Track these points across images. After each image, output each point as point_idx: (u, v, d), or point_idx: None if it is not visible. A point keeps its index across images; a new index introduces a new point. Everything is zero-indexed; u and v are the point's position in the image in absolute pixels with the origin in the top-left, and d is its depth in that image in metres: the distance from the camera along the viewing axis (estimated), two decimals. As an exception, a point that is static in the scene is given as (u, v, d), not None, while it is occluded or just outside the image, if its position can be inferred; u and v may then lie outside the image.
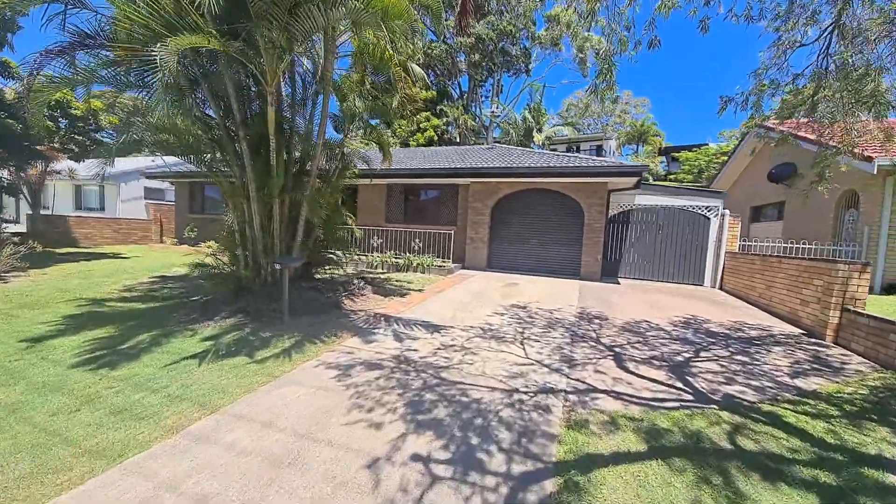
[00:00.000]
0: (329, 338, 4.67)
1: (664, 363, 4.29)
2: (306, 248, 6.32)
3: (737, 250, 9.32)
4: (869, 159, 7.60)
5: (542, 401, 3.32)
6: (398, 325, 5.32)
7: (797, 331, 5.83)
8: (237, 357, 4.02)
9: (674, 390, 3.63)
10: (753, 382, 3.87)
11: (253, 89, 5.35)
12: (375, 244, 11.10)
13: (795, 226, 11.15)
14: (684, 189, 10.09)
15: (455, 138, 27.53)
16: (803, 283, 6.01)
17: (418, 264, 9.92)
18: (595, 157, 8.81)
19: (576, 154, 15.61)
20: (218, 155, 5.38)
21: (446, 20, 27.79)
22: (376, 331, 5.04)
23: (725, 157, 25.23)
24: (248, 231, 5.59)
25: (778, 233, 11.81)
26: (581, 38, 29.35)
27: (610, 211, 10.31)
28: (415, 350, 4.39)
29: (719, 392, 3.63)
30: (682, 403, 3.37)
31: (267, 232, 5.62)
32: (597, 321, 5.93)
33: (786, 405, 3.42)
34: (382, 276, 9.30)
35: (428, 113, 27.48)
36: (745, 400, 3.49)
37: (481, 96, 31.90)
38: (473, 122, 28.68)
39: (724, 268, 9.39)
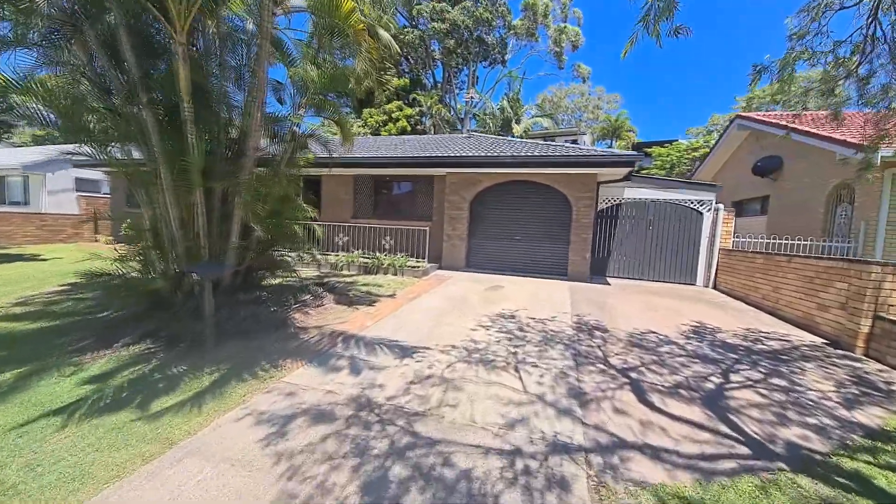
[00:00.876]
0: (265, 371, 3.54)
1: (694, 393, 3.45)
2: (247, 250, 5.11)
3: (731, 247, 8.78)
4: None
5: (557, 468, 2.37)
6: (361, 347, 4.24)
7: (818, 340, 5.19)
8: (125, 410, 2.84)
9: (722, 438, 2.77)
10: (810, 420, 3.07)
11: (163, 41, 4.07)
12: (341, 242, 9.89)
13: (781, 220, 10.81)
14: (676, 182, 9.49)
15: (429, 129, 26.37)
16: (821, 286, 5.37)
17: (389, 265, 8.82)
18: (584, 147, 8.16)
19: (563, 143, 14.83)
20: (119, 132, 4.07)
21: (418, 3, 26.48)
22: (332, 358, 3.95)
23: (696, 154, 25.40)
24: (165, 229, 4.34)
25: (762, 228, 11.46)
26: (556, 28, 28.83)
27: (598, 205, 9.55)
28: (380, 386, 3.35)
29: (778, 439, 2.80)
30: (741, 462, 2.51)
31: (190, 230, 4.39)
32: (598, 334, 5.08)
33: (864, 456, 2.63)
34: (348, 280, 8.15)
35: (400, 102, 26.18)
36: (814, 451, 2.67)
37: (456, 88, 30.83)
38: (449, 114, 27.59)
39: (717, 266, 8.84)
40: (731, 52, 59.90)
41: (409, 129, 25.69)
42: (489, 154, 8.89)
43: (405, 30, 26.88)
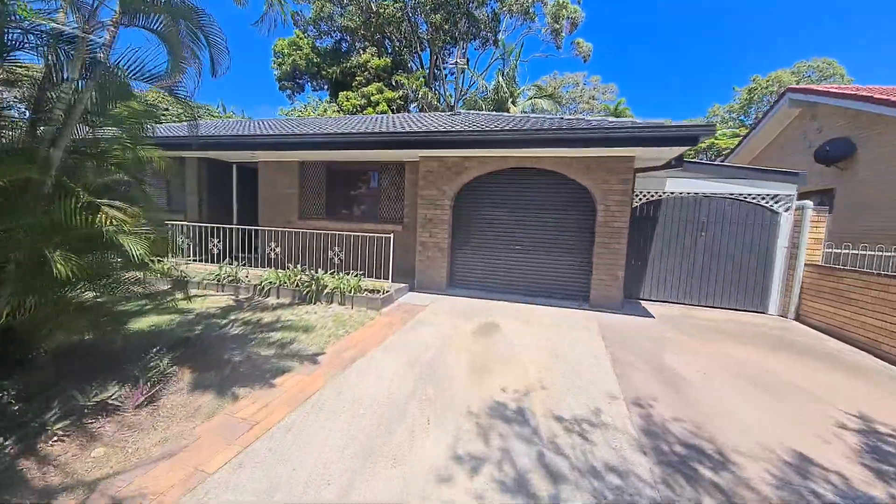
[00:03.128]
0: None
1: None
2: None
3: (822, 261, 6.19)
4: None
5: None
6: None
7: None
8: None
9: None
10: None
11: None
12: (273, 254, 7.10)
13: (855, 221, 8.29)
14: (740, 169, 6.85)
15: (414, 116, 23.46)
16: None
17: (335, 289, 6.08)
18: (616, 119, 5.97)
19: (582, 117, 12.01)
20: None
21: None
22: None
23: (715, 139, 22.91)
24: None
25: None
26: (554, 4, 26.03)
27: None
28: None
29: None
30: None
31: None
32: (705, 474, 2.42)
33: None
34: (267, 317, 5.39)
35: (380, 84, 23.23)
36: None
37: (445, 72, 27.93)
38: (437, 101, 24.73)
39: (802, 287, 6.25)
40: (726, 44, 57.59)
41: (391, 114, 22.79)
42: (479, 128, 6.15)
43: (384, 2, 23.87)
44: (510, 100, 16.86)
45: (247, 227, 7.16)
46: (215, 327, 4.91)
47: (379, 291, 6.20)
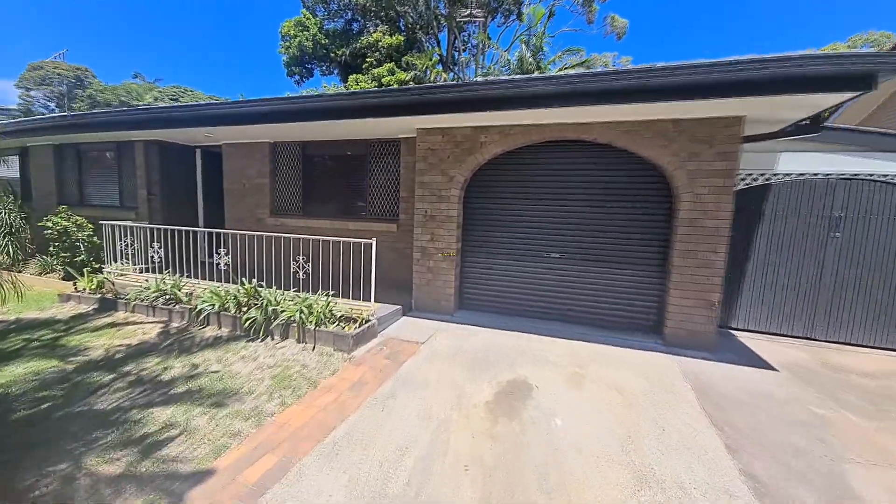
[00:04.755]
0: None
1: None
2: None
3: None
4: None
5: None
6: None
7: None
8: None
9: None
10: None
11: None
12: (223, 265, 5.29)
13: None
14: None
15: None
16: None
17: (289, 319, 4.22)
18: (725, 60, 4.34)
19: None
20: None
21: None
22: None
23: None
24: None
25: None
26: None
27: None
28: None
29: None
30: None
31: None
32: None
33: None
34: (171, 371, 3.60)
35: (392, 65, 21.27)
36: None
37: (466, 56, 25.58)
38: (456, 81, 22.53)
39: None
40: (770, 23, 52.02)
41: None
42: (500, 79, 4.08)
43: (397, -26, 21.75)
44: (537, 72, 14.52)
45: (182, 227, 5.44)
46: (86, 390, 3.16)
47: (355, 321, 4.32)
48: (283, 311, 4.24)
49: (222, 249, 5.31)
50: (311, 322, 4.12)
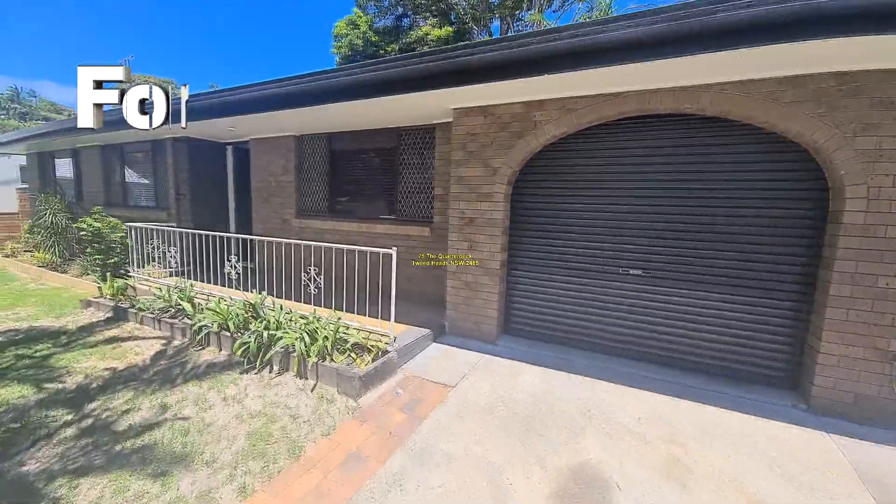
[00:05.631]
0: None
1: None
2: None
3: None
4: None
5: None
6: None
7: None
8: None
9: None
10: None
11: None
12: (234, 274, 4.64)
13: None
14: None
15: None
16: None
17: (290, 346, 3.41)
18: None
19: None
20: None
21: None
22: None
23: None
24: None
25: None
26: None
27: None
28: None
29: None
30: None
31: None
32: None
33: None
34: (140, 413, 2.91)
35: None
36: None
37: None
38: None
39: None
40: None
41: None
42: (566, 26, 2.92)
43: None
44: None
45: (197, 231, 4.89)
46: (31, 436, 2.55)
47: (370, 351, 3.42)
48: (279, 338, 3.44)
49: (233, 257, 4.68)
50: (313, 353, 3.27)
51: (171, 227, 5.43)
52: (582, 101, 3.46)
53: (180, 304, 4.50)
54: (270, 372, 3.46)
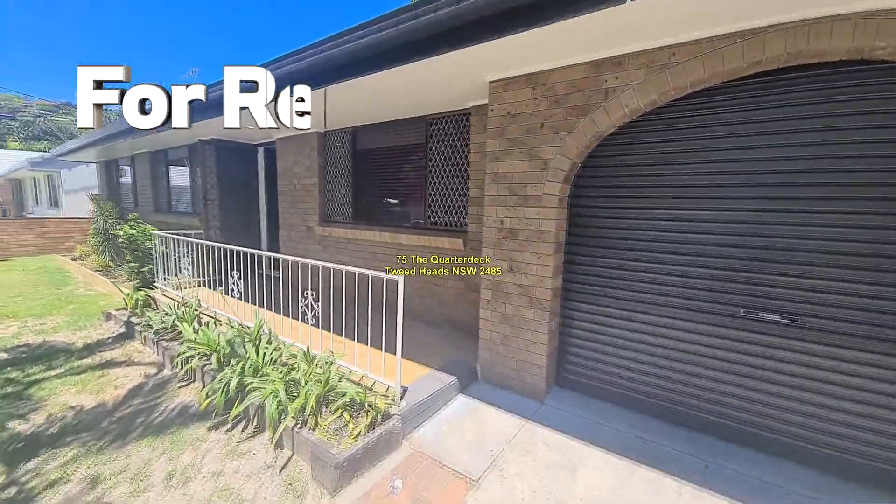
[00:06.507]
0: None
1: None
2: None
3: None
4: None
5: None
6: None
7: None
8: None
9: None
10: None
11: None
12: (237, 291, 4.01)
13: None
14: None
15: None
16: None
17: (265, 400, 2.61)
18: None
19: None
20: None
21: None
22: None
23: None
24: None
25: None
26: None
27: None
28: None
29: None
30: None
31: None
32: None
33: None
34: (71, 487, 2.27)
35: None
36: None
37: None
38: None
39: None
40: None
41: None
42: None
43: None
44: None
45: (206, 242, 4.37)
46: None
47: (367, 411, 2.51)
48: (253, 390, 2.66)
49: (235, 273, 4.07)
50: (291, 412, 2.45)
51: (185, 235, 5.01)
52: (685, 49, 2.23)
53: (180, 326, 3.98)
54: (244, 430, 2.70)
